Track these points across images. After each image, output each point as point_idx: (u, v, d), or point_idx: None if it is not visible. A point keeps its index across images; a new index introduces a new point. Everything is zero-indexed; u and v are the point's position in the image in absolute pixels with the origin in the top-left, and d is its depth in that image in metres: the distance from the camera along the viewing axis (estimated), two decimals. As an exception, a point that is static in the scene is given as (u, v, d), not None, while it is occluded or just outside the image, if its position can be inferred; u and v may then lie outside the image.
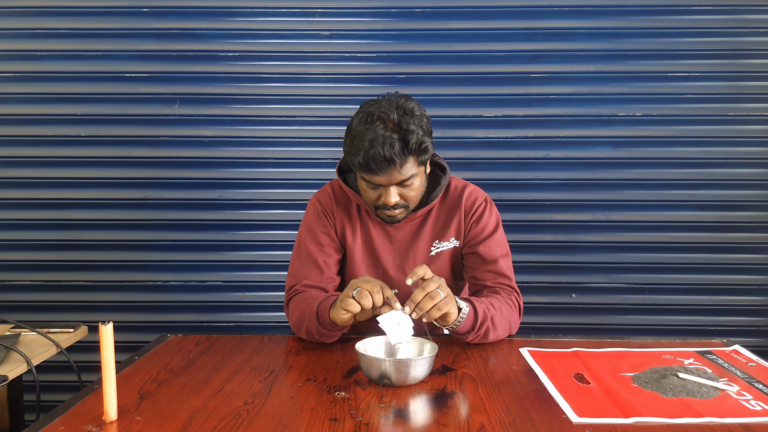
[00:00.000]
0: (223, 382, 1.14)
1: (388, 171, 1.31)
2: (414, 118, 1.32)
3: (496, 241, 1.50)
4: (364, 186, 1.38)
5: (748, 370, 1.20)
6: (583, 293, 2.46)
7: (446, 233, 1.51)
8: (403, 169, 1.31)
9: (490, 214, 1.52)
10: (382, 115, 1.31)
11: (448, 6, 2.39)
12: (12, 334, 1.56)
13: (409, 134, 1.29)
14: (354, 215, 1.51)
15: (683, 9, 2.38)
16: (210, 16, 2.41)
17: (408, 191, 1.37)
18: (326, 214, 1.51)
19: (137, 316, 2.49)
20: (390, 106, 1.32)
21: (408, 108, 1.33)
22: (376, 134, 1.28)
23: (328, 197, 1.53)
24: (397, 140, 1.28)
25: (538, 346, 1.34)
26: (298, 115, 2.45)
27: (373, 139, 1.28)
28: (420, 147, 1.31)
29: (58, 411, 1.01)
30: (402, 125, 1.30)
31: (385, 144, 1.27)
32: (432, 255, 1.50)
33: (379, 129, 1.29)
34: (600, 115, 2.42)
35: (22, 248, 2.47)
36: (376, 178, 1.33)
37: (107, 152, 2.45)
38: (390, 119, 1.30)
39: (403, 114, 1.31)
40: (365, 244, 1.51)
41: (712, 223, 2.43)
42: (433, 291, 1.20)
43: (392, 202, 1.36)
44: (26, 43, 2.42)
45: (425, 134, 1.33)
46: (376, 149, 1.27)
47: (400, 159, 1.29)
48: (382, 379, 1.11)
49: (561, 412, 1.01)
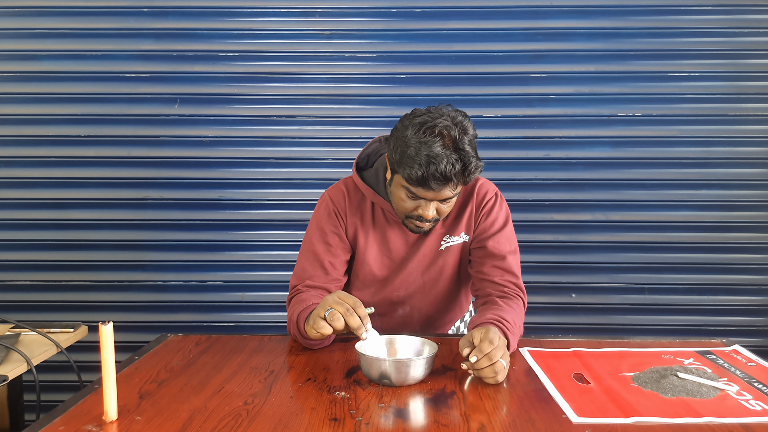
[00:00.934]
0: (223, 382, 1.14)
1: (442, 190, 1.28)
2: (468, 136, 1.27)
3: (505, 236, 1.48)
4: (402, 195, 1.34)
5: (747, 370, 1.20)
6: (583, 293, 2.46)
7: (457, 228, 1.49)
8: (456, 189, 1.30)
9: (500, 209, 1.49)
10: (442, 131, 1.25)
11: (448, 6, 2.40)
12: (12, 334, 1.56)
13: (468, 157, 1.26)
14: (367, 214, 1.48)
15: (683, 9, 2.38)
16: (210, 16, 2.41)
17: (446, 207, 1.35)
18: (338, 213, 1.48)
19: (137, 316, 2.49)
20: (447, 121, 1.27)
21: (464, 126, 1.28)
22: (435, 152, 1.23)
23: (342, 196, 1.49)
24: (458, 161, 1.25)
25: (538, 346, 1.34)
26: (298, 115, 2.45)
27: (432, 155, 1.23)
28: (475, 172, 1.28)
29: (58, 411, 1.01)
30: (459, 145, 1.25)
31: (447, 164, 1.23)
32: (441, 249, 1.49)
33: (437, 146, 1.24)
34: (600, 115, 2.42)
35: (22, 248, 2.47)
36: (423, 193, 1.29)
37: (107, 152, 2.45)
38: (449, 135, 1.26)
39: (460, 132, 1.26)
40: (379, 242, 1.49)
41: (712, 223, 2.43)
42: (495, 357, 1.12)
43: (430, 216, 1.33)
44: (26, 43, 2.42)
45: (477, 157, 1.29)
46: (437, 166, 1.23)
47: (457, 180, 1.27)
48: (382, 379, 1.11)
49: (561, 412, 1.01)
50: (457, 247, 1.50)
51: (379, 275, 1.49)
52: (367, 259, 1.49)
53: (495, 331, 1.16)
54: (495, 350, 1.12)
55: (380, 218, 1.48)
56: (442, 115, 1.29)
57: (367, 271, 1.50)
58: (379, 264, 1.49)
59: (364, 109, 2.43)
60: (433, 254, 1.49)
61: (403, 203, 1.35)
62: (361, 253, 1.49)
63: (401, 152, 1.28)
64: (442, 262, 1.49)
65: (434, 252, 1.49)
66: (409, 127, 1.29)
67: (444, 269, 1.50)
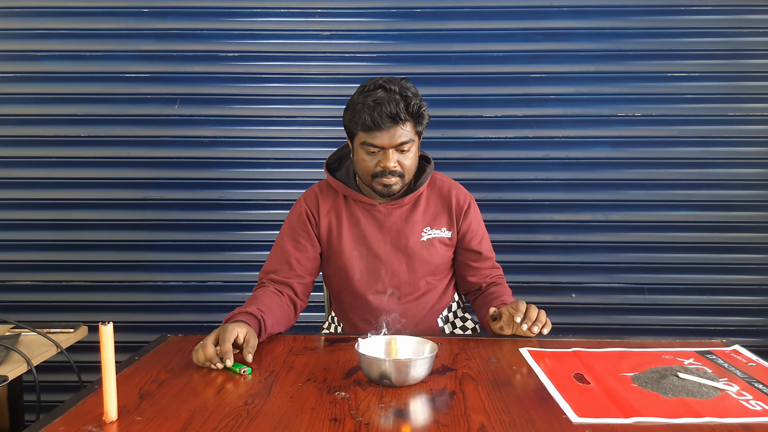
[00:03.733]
0: (223, 382, 1.14)
1: (392, 128, 1.41)
2: (411, 91, 1.44)
3: (486, 236, 1.66)
4: (363, 154, 1.46)
5: (748, 370, 1.20)
6: (583, 293, 2.46)
7: (437, 222, 1.58)
8: (405, 127, 1.42)
9: (476, 212, 1.64)
10: (383, 85, 1.43)
11: (448, 6, 2.40)
12: (12, 334, 1.56)
13: (410, 99, 1.42)
14: (341, 206, 1.58)
15: (683, 9, 2.38)
16: (210, 17, 2.41)
17: (405, 158, 1.46)
18: (309, 213, 1.58)
19: (137, 316, 2.49)
20: (389, 80, 1.45)
21: (405, 84, 1.45)
22: (379, 96, 1.40)
23: (314, 196, 1.61)
24: (401, 100, 1.40)
25: (538, 346, 1.34)
26: (298, 115, 2.45)
27: (377, 99, 1.40)
28: (419, 111, 1.43)
29: (58, 411, 1.01)
30: (402, 92, 1.42)
31: (390, 102, 1.39)
32: (423, 240, 1.56)
33: (380, 93, 1.41)
34: (600, 115, 2.42)
35: (22, 248, 2.47)
36: (379, 138, 1.42)
37: (107, 152, 2.45)
38: (389, 88, 1.42)
39: (401, 87, 1.44)
40: (354, 234, 1.56)
41: (712, 223, 2.43)
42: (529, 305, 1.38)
43: (391, 166, 1.43)
44: (26, 43, 2.42)
45: (422, 103, 1.45)
46: (381, 106, 1.39)
47: (404, 115, 1.40)
48: (382, 379, 1.11)
49: (561, 412, 1.01)
50: (441, 242, 1.58)
51: (358, 263, 1.55)
52: (343, 250, 1.55)
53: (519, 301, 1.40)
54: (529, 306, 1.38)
55: (354, 210, 1.57)
56: (388, 78, 1.46)
57: (344, 263, 1.55)
58: (357, 254, 1.55)
59: (364, 109, 2.43)
60: (417, 245, 1.55)
61: (365, 163, 1.47)
62: (336, 244, 1.56)
63: (351, 111, 1.45)
64: (427, 255, 1.56)
65: (417, 242, 1.55)
66: (355, 94, 1.48)
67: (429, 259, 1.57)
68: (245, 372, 1.18)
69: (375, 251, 1.55)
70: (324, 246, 1.58)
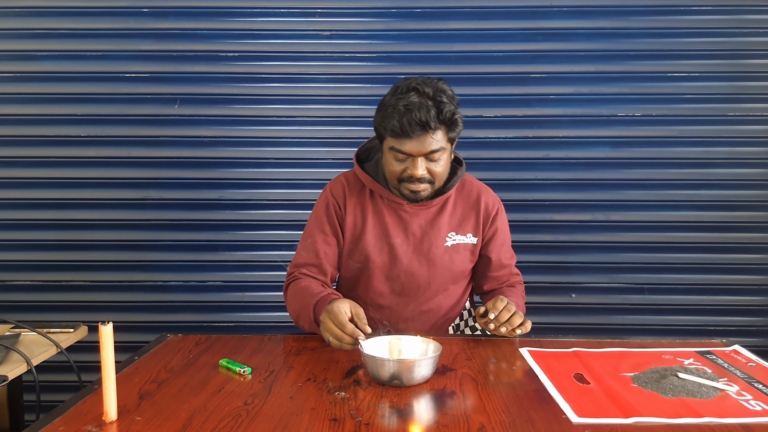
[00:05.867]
0: (223, 382, 1.14)
1: (421, 137, 1.35)
2: (446, 95, 1.38)
3: (508, 243, 1.62)
4: (391, 158, 1.41)
5: (747, 370, 1.20)
6: (583, 293, 2.46)
7: (463, 228, 1.54)
8: (435, 135, 1.36)
9: (503, 219, 1.60)
10: (417, 87, 1.37)
11: (448, 6, 2.39)
12: (12, 334, 1.56)
13: (443, 104, 1.35)
14: (367, 201, 1.53)
15: (683, 9, 2.38)
16: (210, 16, 2.41)
17: (435, 166, 1.40)
18: (336, 206, 1.54)
19: (137, 316, 2.49)
20: (424, 82, 1.38)
21: (441, 87, 1.39)
22: (411, 101, 1.34)
23: (341, 187, 1.56)
24: (433, 107, 1.34)
25: (538, 346, 1.34)
26: (298, 115, 2.45)
27: (408, 104, 1.34)
28: (452, 118, 1.37)
29: (58, 411, 1.01)
30: (435, 97, 1.36)
31: (421, 109, 1.33)
32: (447, 245, 1.52)
33: (413, 97, 1.35)
34: (600, 115, 2.42)
35: (22, 248, 2.47)
36: (408, 145, 1.36)
37: (107, 152, 2.45)
38: (424, 92, 1.36)
39: (436, 90, 1.37)
40: (378, 230, 1.52)
41: (712, 223, 2.43)
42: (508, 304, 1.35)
43: (419, 174, 1.38)
44: (26, 43, 2.42)
45: (457, 109, 1.39)
46: (412, 113, 1.33)
47: (434, 123, 1.34)
48: (392, 380, 1.11)
49: (561, 412, 1.01)
50: (466, 248, 1.54)
51: (378, 261, 1.52)
52: (365, 245, 1.51)
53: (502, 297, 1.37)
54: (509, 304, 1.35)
55: (380, 206, 1.53)
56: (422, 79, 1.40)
57: (365, 258, 1.52)
58: (378, 250, 1.51)
59: (364, 109, 2.43)
60: (441, 250, 1.51)
61: (392, 167, 1.42)
62: (359, 238, 1.52)
63: (382, 113, 1.40)
64: (449, 261, 1.52)
65: (441, 248, 1.51)
66: (388, 94, 1.42)
67: (451, 267, 1.53)
68: (245, 372, 1.18)
69: (396, 252, 1.51)
70: (347, 240, 1.54)
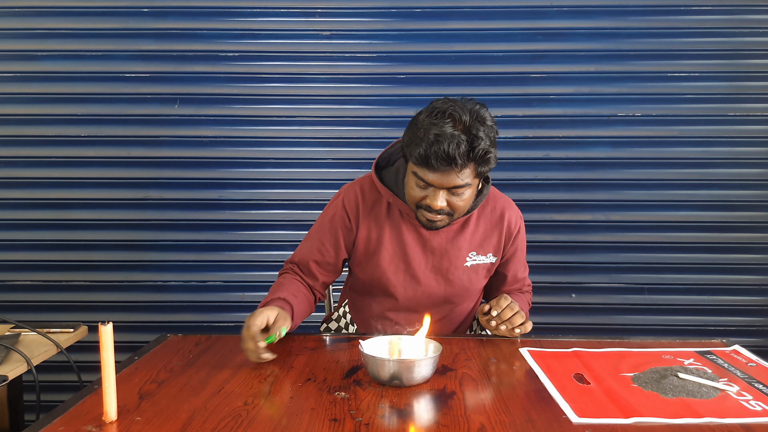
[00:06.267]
0: (223, 382, 1.14)
1: (446, 171, 1.25)
2: (485, 126, 1.27)
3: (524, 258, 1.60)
4: (412, 183, 1.32)
5: (748, 371, 1.20)
6: (583, 293, 2.46)
7: (485, 248, 1.48)
8: (462, 173, 1.26)
9: (523, 236, 1.56)
10: (453, 114, 1.25)
11: (448, 6, 2.40)
12: (12, 334, 1.56)
13: (477, 140, 1.24)
14: (383, 215, 1.45)
15: (683, 9, 2.38)
16: (210, 16, 2.41)
17: (457, 200, 1.32)
18: (347, 218, 1.46)
19: (137, 316, 2.49)
20: (463, 108, 1.27)
21: (481, 115, 1.27)
22: (443, 130, 1.23)
23: (355, 198, 1.46)
24: (465, 141, 1.23)
25: (538, 346, 1.34)
26: (298, 115, 2.45)
27: (439, 134, 1.23)
28: (484, 156, 1.26)
29: (58, 411, 1.01)
30: (471, 129, 1.25)
31: (452, 142, 1.22)
32: (467, 266, 1.47)
33: (448, 126, 1.24)
34: (600, 115, 2.42)
35: (22, 248, 2.47)
36: (431, 176, 1.27)
37: (107, 152, 2.45)
38: (461, 120, 1.25)
39: (474, 119, 1.26)
40: (395, 246, 1.45)
41: (712, 223, 2.43)
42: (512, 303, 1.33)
43: (438, 206, 1.30)
44: (26, 43, 2.42)
45: (492, 145, 1.28)
46: (441, 145, 1.22)
47: (462, 161, 1.24)
48: (392, 380, 1.11)
49: (561, 412, 1.01)
50: (484, 267, 1.50)
51: (393, 280, 1.46)
52: (380, 261, 1.45)
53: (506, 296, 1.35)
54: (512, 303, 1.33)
55: (397, 220, 1.45)
56: (463, 104, 1.28)
57: (380, 275, 1.46)
58: (394, 267, 1.45)
59: (364, 109, 2.43)
60: (460, 270, 1.46)
61: (413, 191, 1.34)
62: (373, 255, 1.46)
63: (411, 134, 1.29)
64: (467, 281, 1.48)
65: (460, 268, 1.46)
66: (423, 112, 1.31)
67: (468, 287, 1.49)
68: (280, 335, 1.23)
69: (414, 270, 1.45)
70: (360, 253, 1.47)
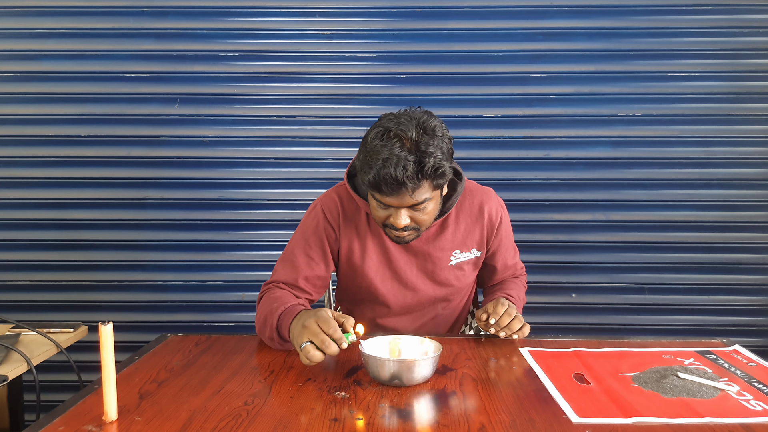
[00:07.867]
0: (223, 382, 1.14)
1: (399, 194, 1.22)
2: (434, 138, 1.22)
3: (512, 245, 1.59)
4: (374, 204, 1.30)
5: (748, 370, 1.20)
6: (583, 293, 2.46)
7: (468, 244, 1.47)
8: (416, 193, 1.23)
9: (507, 225, 1.54)
10: (399, 133, 1.21)
11: (448, 6, 2.40)
12: (12, 334, 1.56)
13: (426, 156, 1.20)
14: (363, 226, 1.43)
15: (683, 9, 2.38)
16: (210, 16, 2.41)
17: (420, 215, 1.29)
18: (329, 226, 1.43)
19: (137, 316, 2.49)
20: (410, 124, 1.22)
21: (429, 127, 1.23)
22: (391, 153, 1.19)
23: (335, 207, 1.43)
24: (412, 162, 1.19)
25: (538, 346, 1.34)
26: (298, 115, 2.45)
27: (387, 158, 1.19)
28: (436, 172, 1.22)
29: (58, 411, 1.01)
30: (420, 146, 1.20)
31: (398, 165, 1.18)
32: (452, 265, 1.46)
33: (396, 148, 1.19)
34: (600, 115, 2.42)
35: (22, 248, 2.47)
36: (387, 199, 1.25)
37: (107, 152, 2.45)
38: (408, 137, 1.21)
39: (422, 133, 1.21)
40: (379, 255, 1.44)
41: (712, 223, 2.43)
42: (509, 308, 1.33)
43: (401, 225, 1.28)
44: (26, 43, 2.42)
45: (444, 158, 1.23)
46: (388, 170, 1.18)
47: (412, 183, 1.20)
48: (392, 380, 1.11)
49: (561, 412, 1.01)
50: (470, 263, 1.50)
51: (382, 289, 1.46)
52: (366, 272, 1.44)
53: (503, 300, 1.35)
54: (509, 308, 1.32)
55: (376, 227, 1.43)
56: (410, 118, 1.24)
57: (368, 285, 1.45)
58: (381, 276, 1.45)
59: (364, 109, 2.43)
60: (445, 270, 1.46)
61: (375, 212, 1.32)
62: (359, 266, 1.44)
63: (362, 158, 1.26)
64: (455, 278, 1.47)
65: (445, 268, 1.46)
66: (372, 131, 1.26)
67: (456, 285, 1.49)
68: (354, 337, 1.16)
69: (401, 276, 1.45)
70: (344, 264, 1.45)
